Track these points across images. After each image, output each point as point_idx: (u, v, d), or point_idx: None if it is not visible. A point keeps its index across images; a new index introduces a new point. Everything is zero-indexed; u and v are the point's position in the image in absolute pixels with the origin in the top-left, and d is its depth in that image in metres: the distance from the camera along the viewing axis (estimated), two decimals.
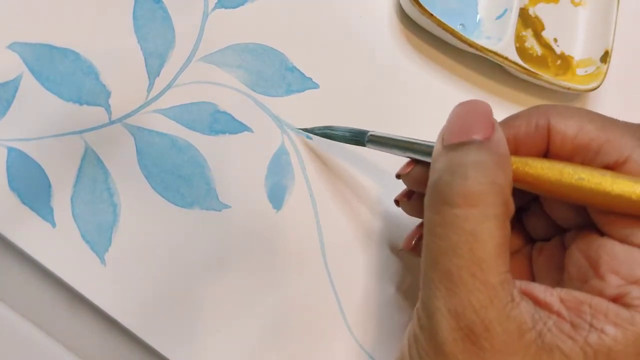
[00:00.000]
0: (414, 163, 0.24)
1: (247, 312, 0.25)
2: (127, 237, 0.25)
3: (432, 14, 0.28)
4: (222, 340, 0.25)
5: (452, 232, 0.18)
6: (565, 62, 0.33)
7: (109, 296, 0.24)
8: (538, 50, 0.33)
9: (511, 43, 0.30)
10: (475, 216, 0.18)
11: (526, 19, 0.33)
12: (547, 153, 0.20)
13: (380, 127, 0.29)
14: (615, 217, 0.18)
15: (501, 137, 0.19)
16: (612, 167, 0.19)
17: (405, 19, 0.31)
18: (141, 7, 0.27)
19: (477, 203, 0.18)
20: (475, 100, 0.20)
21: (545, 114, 0.20)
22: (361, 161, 0.28)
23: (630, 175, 0.18)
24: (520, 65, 0.30)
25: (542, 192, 0.19)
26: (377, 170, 0.28)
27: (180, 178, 0.26)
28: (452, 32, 0.29)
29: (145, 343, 0.24)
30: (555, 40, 0.33)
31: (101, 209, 0.25)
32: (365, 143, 0.25)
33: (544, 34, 0.33)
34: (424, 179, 0.20)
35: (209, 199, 0.26)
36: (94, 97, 0.26)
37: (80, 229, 0.24)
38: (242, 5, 0.28)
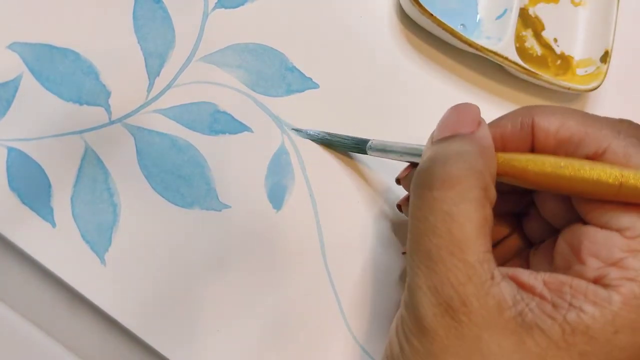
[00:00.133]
0: (412, 168, 0.24)
1: (247, 312, 0.25)
2: (127, 237, 0.25)
3: (432, 14, 0.28)
4: (222, 340, 0.25)
5: (430, 214, 0.19)
6: (565, 62, 0.33)
7: (109, 296, 0.24)
8: (538, 50, 0.33)
9: (511, 43, 0.30)
10: (451, 198, 0.18)
11: (526, 19, 0.33)
12: (532, 149, 0.21)
13: (380, 126, 0.29)
14: (596, 204, 0.19)
15: (485, 133, 0.20)
16: (592, 157, 0.19)
17: (405, 19, 0.31)
18: (141, 7, 0.27)
19: (454, 185, 0.18)
20: (465, 102, 0.21)
21: (530, 113, 0.21)
22: (361, 161, 0.28)
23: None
24: (520, 65, 0.30)
25: (528, 184, 0.20)
26: (377, 171, 0.28)
27: (180, 178, 0.26)
28: (452, 32, 0.29)
29: (145, 343, 0.24)
30: (555, 40, 0.33)
31: (101, 209, 0.25)
32: (367, 151, 0.25)
33: (544, 34, 0.33)
34: None
35: (209, 199, 0.26)
36: (94, 97, 0.26)
37: (80, 229, 0.24)
38: (242, 5, 0.29)
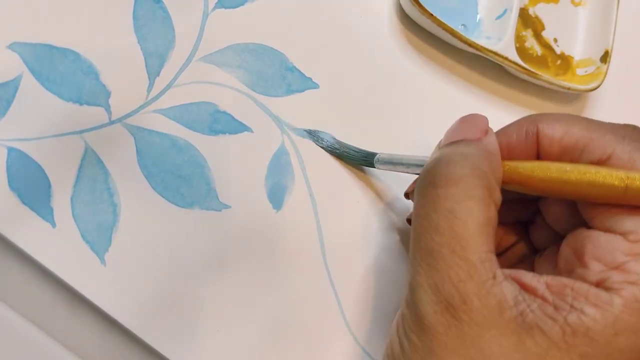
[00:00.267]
0: None
1: (247, 312, 0.25)
2: (127, 237, 0.25)
3: (432, 14, 0.28)
4: (222, 340, 0.25)
5: (433, 211, 0.19)
6: (565, 62, 0.33)
7: (109, 296, 0.24)
8: (538, 50, 0.33)
9: (511, 43, 0.30)
10: (454, 195, 0.18)
11: (526, 19, 0.33)
12: (537, 157, 0.21)
13: (381, 126, 0.29)
14: (601, 208, 0.19)
15: (492, 140, 0.20)
16: (597, 163, 0.19)
17: (405, 19, 0.31)
18: (141, 7, 0.27)
19: (457, 183, 0.19)
20: (474, 113, 0.22)
21: (534, 121, 0.21)
22: None
23: None
24: (520, 65, 0.30)
25: (535, 190, 0.20)
26: (377, 170, 0.28)
27: (180, 178, 0.26)
28: (452, 32, 0.29)
29: (145, 343, 0.24)
30: (555, 40, 0.33)
31: (101, 209, 0.25)
32: (374, 164, 0.26)
33: (544, 34, 0.33)
34: None
35: (209, 199, 0.26)
36: (94, 97, 0.26)
37: (80, 229, 0.24)
38: (242, 5, 0.29)
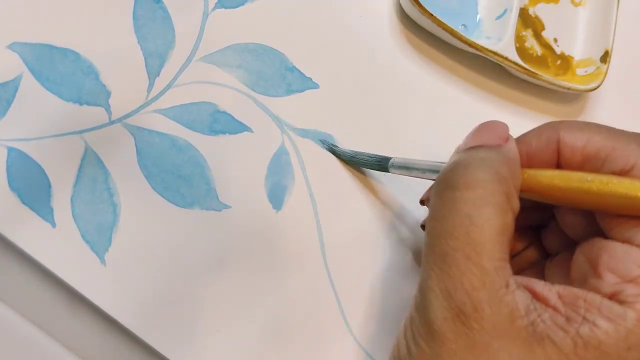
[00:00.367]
0: None
1: (247, 312, 0.25)
2: (127, 237, 0.25)
3: (432, 14, 0.28)
4: (222, 340, 0.25)
5: (450, 214, 0.18)
6: (565, 62, 0.33)
7: (109, 296, 0.24)
8: (538, 50, 0.33)
9: (511, 43, 0.30)
10: (473, 200, 0.18)
11: (526, 19, 0.33)
12: (558, 166, 0.21)
13: (380, 127, 0.29)
14: (620, 219, 0.19)
15: (513, 147, 0.20)
16: (619, 174, 0.19)
17: (405, 19, 0.31)
18: (141, 7, 0.27)
19: (476, 188, 0.18)
20: (494, 120, 0.21)
21: (555, 128, 0.21)
22: None
23: None
24: (520, 65, 0.30)
25: (554, 200, 0.20)
26: (377, 171, 0.28)
27: (180, 178, 0.26)
28: (452, 32, 0.29)
29: (145, 343, 0.24)
30: (555, 40, 0.33)
31: (101, 209, 0.25)
32: (388, 169, 0.25)
33: (544, 34, 0.33)
34: None
35: (209, 199, 0.26)
36: (94, 97, 0.26)
37: (80, 229, 0.24)
38: (242, 5, 0.29)
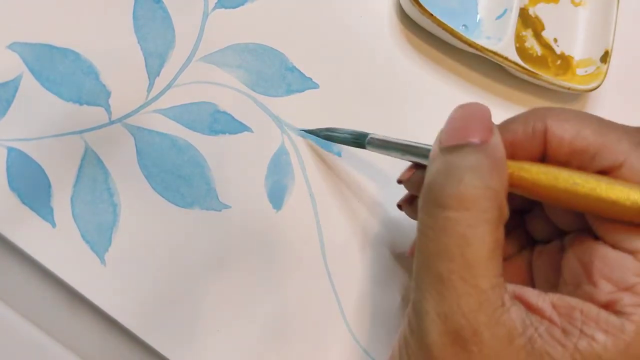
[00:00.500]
0: (414, 168, 0.24)
1: (247, 312, 0.25)
2: (127, 237, 0.25)
3: (432, 14, 0.28)
4: (222, 340, 0.25)
5: (444, 235, 0.18)
6: (565, 62, 0.33)
7: (109, 296, 0.24)
8: (538, 50, 0.33)
9: (511, 43, 0.30)
10: (467, 220, 0.17)
11: (526, 19, 0.33)
12: (544, 156, 0.20)
13: (380, 127, 0.29)
14: (609, 222, 0.18)
15: (498, 142, 0.19)
16: (608, 171, 0.18)
17: (405, 19, 0.31)
18: (141, 7, 0.27)
19: (470, 206, 0.17)
20: (475, 103, 0.20)
21: (543, 117, 0.20)
22: (361, 161, 0.28)
23: (624, 180, 0.18)
24: (520, 65, 0.30)
25: (537, 197, 0.19)
26: (377, 170, 0.28)
27: (180, 178, 0.26)
28: (452, 32, 0.29)
29: (145, 343, 0.24)
30: (555, 40, 0.33)
31: (101, 209, 0.25)
32: (365, 145, 0.25)
33: (544, 34, 0.33)
34: None
35: (209, 199, 0.26)
36: (94, 97, 0.26)
37: (80, 229, 0.24)
38: (242, 5, 0.29)
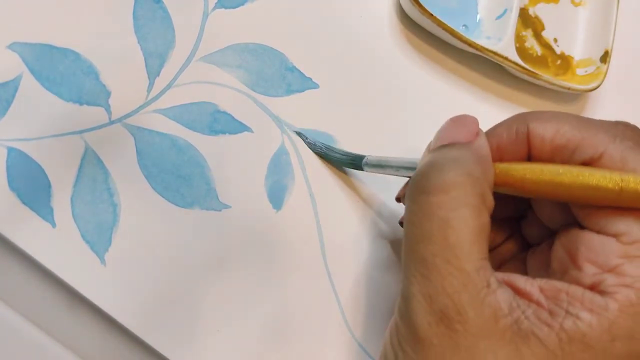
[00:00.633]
0: None
1: (247, 312, 0.25)
2: (127, 237, 0.25)
3: (432, 14, 0.28)
4: (222, 340, 0.25)
5: (426, 219, 0.18)
6: (565, 62, 0.33)
7: (109, 296, 0.24)
8: (538, 50, 0.33)
9: (511, 43, 0.30)
10: (448, 203, 0.18)
11: (526, 19, 0.33)
12: (529, 157, 0.21)
13: (380, 127, 0.29)
14: (592, 209, 0.19)
15: (483, 143, 0.20)
16: (589, 163, 0.19)
17: (405, 19, 0.31)
18: (141, 7, 0.27)
19: (450, 190, 0.18)
20: (463, 114, 0.21)
21: (524, 120, 0.21)
22: None
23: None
24: (520, 65, 0.30)
25: (527, 193, 0.20)
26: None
27: (180, 178, 0.26)
28: (452, 32, 0.29)
29: (145, 343, 0.24)
30: (555, 40, 0.33)
31: (101, 209, 0.25)
32: (362, 167, 0.25)
33: (544, 34, 0.33)
34: None
35: (209, 199, 0.26)
36: (94, 97, 0.26)
37: (80, 229, 0.24)
38: (242, 5, 0.29)
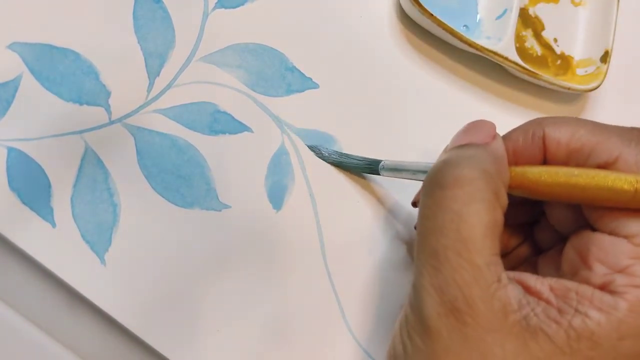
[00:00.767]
0: None
1: (247, 312, 0.25)
2: (127, 237, 0.25)
3: (432, 14, 0.28)
4: (222, 340, 0.25)
5: (440, 212, 0.19)
6: (565, 62, 0.33)
7: (109, 296, 0.24)
8: (538, 50, 0.33)
9: (511, 43, 0.30)
10: (462, 197, 0.18)
11: (526, 19, 0.33)
12: (544, 161, 0.21)
13: (380, 126, 0.29)
14: (605, 211, 0.19)
15: (500, 146, 0.21)
16: (603, 166, 0.19)
17: (405, 19, 0.31)
18: (141, 7, 0.27)
19: (465, 185, 0.19)
20: (481, 119, 0.22)
21: (540, 124, 0.21)
22: None
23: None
24: (520, 65, 0.30)
25: (542, 195, 0.20)
26: None
27: (180, 178, 0.26)
28: (452, 32, 0.29)
29: (145, 343, 0.24)
30: (555, 40, 0.33)
31: (101, 209, 0.25)
32: (379, 171, 0.25)
33: (544, 34, 0.33)
34: None
35: (209, 199, 0.26)
36: (94, 97, 0.26)
37: (80, 229, 0.24)
38: (242, 5, 0.29)
